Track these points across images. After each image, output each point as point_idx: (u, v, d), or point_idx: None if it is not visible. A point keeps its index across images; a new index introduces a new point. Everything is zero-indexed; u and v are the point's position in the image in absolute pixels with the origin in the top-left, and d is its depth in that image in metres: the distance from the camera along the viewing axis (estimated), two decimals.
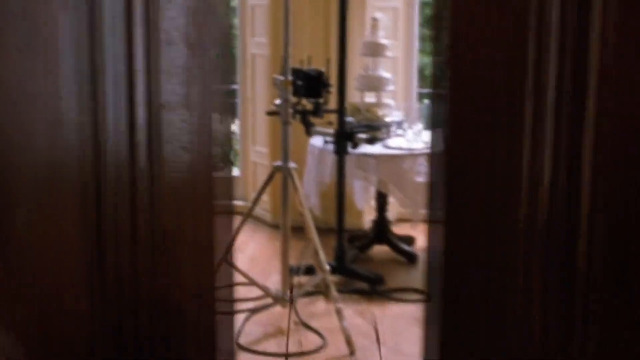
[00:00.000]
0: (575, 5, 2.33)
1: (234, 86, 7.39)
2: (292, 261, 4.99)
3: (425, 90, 7.13)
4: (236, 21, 7.20)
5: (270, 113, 5.05)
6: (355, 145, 5.39)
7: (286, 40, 4.70)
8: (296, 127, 5.05)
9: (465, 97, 2.46)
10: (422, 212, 5.93)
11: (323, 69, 5.11)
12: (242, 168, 7.41)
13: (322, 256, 4.70)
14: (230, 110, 4.00)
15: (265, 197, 6.02)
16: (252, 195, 6.10)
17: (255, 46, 7.02)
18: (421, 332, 2.96)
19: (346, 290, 5.39)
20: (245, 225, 4.95)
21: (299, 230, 4.93)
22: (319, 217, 5.76)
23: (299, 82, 5.01)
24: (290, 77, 4.73)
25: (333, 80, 5.27)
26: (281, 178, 4.78)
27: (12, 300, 2.28)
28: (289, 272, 4.93)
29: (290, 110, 4.79)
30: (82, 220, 2.54)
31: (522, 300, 2.53)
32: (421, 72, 7.63)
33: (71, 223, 2.52)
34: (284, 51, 4.73)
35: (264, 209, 6.87)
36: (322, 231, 4.97)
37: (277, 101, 4.79)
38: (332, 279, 4.81)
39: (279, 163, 4.78)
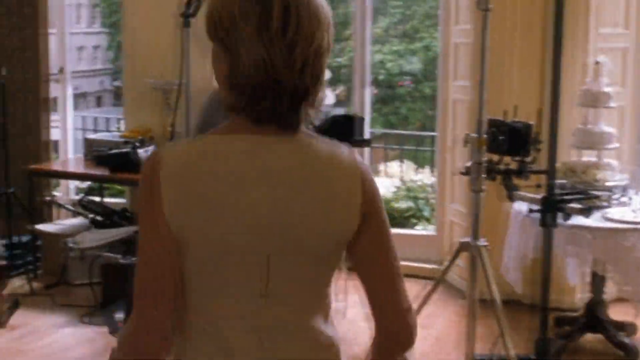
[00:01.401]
0: None
1: (432, 133, 6.63)
2: (482, 348, 4.17)
3: None
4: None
5: (463, 173, 4.28)
6: (566, 216, 4.45)
7: (481, 89, 3.91)
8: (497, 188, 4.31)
9: None
10: None
11: (531, 122, 4.28)
12: (438, 226, 6.59)
13: (511, 350, 3.86)
14: None
15: (460, 262, 5.16)
16: (448, 258, 5.27)
17: (457, 90, 6.20)
18: None
19: None
20: (438, 295, 4.27)
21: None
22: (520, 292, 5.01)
23: (501, 137, 4.22)
24: (484, 135, 3.92)
25: (543, 135, 4.36)
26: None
27: None
28: None
29: (479, 177, 3.96)
30: None
31: None
32: None
33: None
34: (479, 100, 3.94)
35: (459, 275, 5.99)
36: (523, 307, 4.51)
37: (468, 163, 3.99)
38: None
39: (466, 239, 3.97)
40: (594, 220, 4.67)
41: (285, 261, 1.62)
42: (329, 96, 5.47)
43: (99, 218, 6.08)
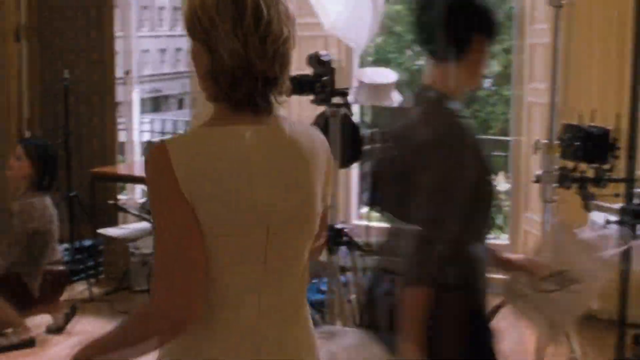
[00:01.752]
0: None
1: (507, 138, 6.36)
2: None
3: None
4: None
5: (535, 181, 4.04)
6: None
7: (554, 91, 3.65)
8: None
9: None
10: None
11: (610, 127, 4.04)
12: (512, 235, 6.32)
13: None
14: None
15: None
16: None
17: (533, 93, 5.91)
18: None
19: None
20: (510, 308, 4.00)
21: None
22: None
23: (577, 143, 3.97)
24: (556, 141, 3.66)
25: (624, 141, 4.11)
26: None
27: None
28: None
29: (550, 185, 3.70)
30: None
31: None
32: None
33: None
34: (552, 104, 3.69)
35: None
36: (601, 323, 4.38)
37: (540, 170, 3.73)
38: None
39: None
40: None
41: (281, 232, 1.87)
42: (393, 97, 5.29)
43: None
